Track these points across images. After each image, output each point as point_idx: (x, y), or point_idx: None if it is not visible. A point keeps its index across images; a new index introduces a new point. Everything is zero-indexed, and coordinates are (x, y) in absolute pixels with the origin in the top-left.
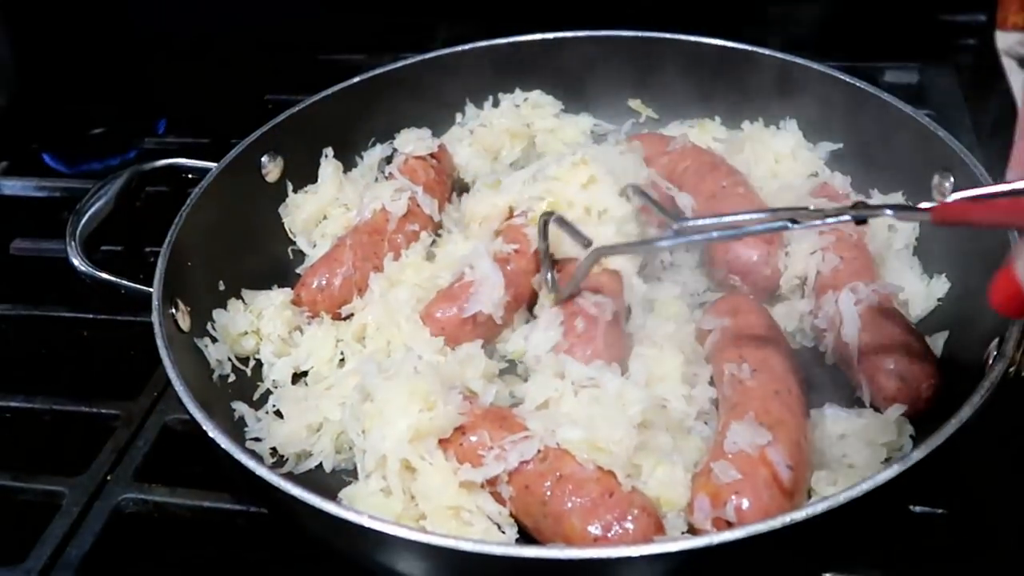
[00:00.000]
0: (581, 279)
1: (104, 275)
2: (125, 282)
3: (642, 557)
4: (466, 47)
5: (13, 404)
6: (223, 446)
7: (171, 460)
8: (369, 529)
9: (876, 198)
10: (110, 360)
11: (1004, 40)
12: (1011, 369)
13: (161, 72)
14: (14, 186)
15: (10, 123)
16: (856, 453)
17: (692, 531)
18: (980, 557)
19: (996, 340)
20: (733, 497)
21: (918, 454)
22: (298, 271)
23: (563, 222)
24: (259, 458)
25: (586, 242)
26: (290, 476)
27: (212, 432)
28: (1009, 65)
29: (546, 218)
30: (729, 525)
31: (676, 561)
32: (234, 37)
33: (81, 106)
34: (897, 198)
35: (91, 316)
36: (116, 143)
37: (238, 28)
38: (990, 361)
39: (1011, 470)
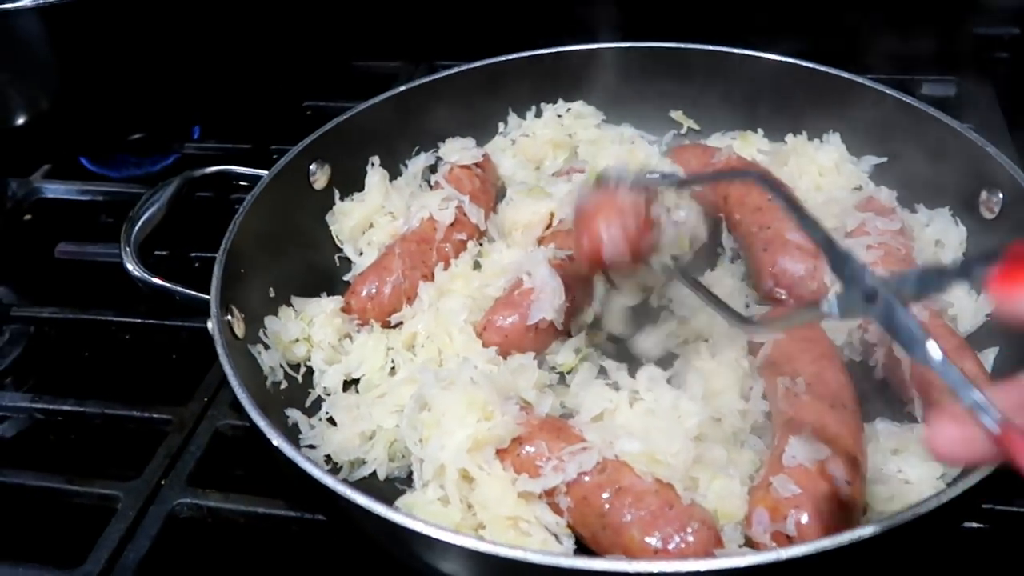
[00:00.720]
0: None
1: (158, 281)
2: (180, 288)
3: (710, 572)
4: (509, 57)
5: (65, 408)
6: (287, 454)
7: (223, 465)
8: (436, 540)
9: (921, 212)
10: (158, 365)
11: None
12: None
13: (196, 78)
14: (57, 189)
15: (51, 127)
16: (911, 468)
17: (749, 544)
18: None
19: None
20: (793, 511)
21: (984, 471)
22: (345, 278)
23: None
24: (319, 466)
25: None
26: (345, 483)
27: (276, 440)
28: None
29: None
30: (789, 539)
31: None
32: (267, 43)
33: (119, 111)
34: (943, 212)
35: (139, 321)
36: (155, 148)
37: (270, 34)
38: None
39: None
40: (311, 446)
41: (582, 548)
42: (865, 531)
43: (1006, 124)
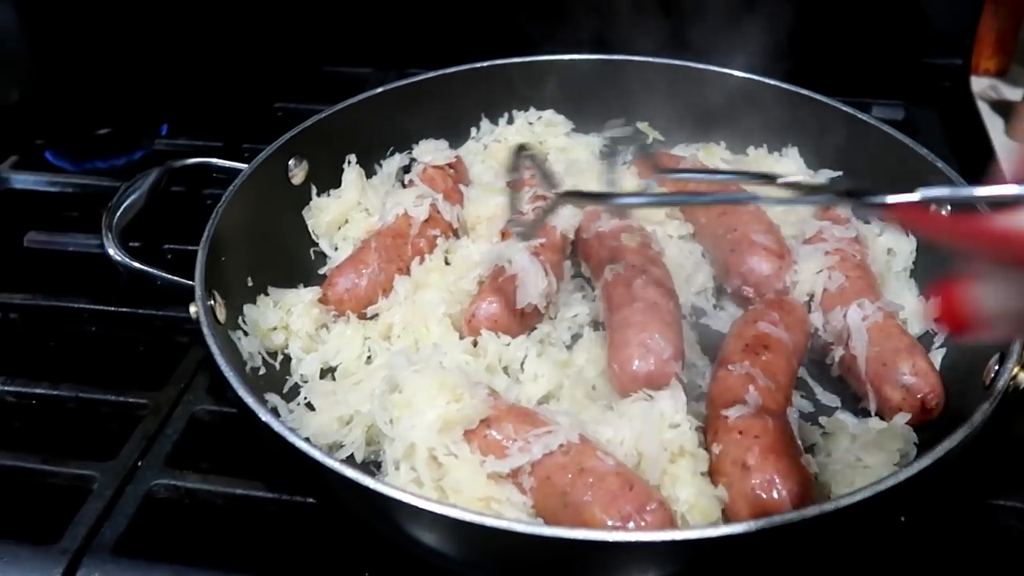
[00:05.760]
0: (541, 221)
1: (140, 266)
2: (163, 273)
3: (666, 543)
4: (483, 64)
5: (39, 391)
6: (275, 428)
7: (199, 449)
8: (423, 509)
9: (875, 222)
10: (128, 354)
11: (978, 84)
12: (1012, 383)
13: (167, 75)
14: (25, 180)
15: (20, 118)
16: (869, 456)
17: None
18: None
19: (997, 356)
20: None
21: (932, 457)
22: (320, 272)
23: (535, 159)
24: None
25: (554, 184)
26: (333, 458)
27: (264, 416)
28: (983, 107)
29: (521, 151)
30: None
31: (691, 549)
32: (240, 44)
33: (88, 104)
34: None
35: (113, 309)
36: (122, 144)
37: (244, 36)
38: (992, 376)
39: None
40: (291, 429)
41: None
42: (827, 506)
43: (948, 146)
